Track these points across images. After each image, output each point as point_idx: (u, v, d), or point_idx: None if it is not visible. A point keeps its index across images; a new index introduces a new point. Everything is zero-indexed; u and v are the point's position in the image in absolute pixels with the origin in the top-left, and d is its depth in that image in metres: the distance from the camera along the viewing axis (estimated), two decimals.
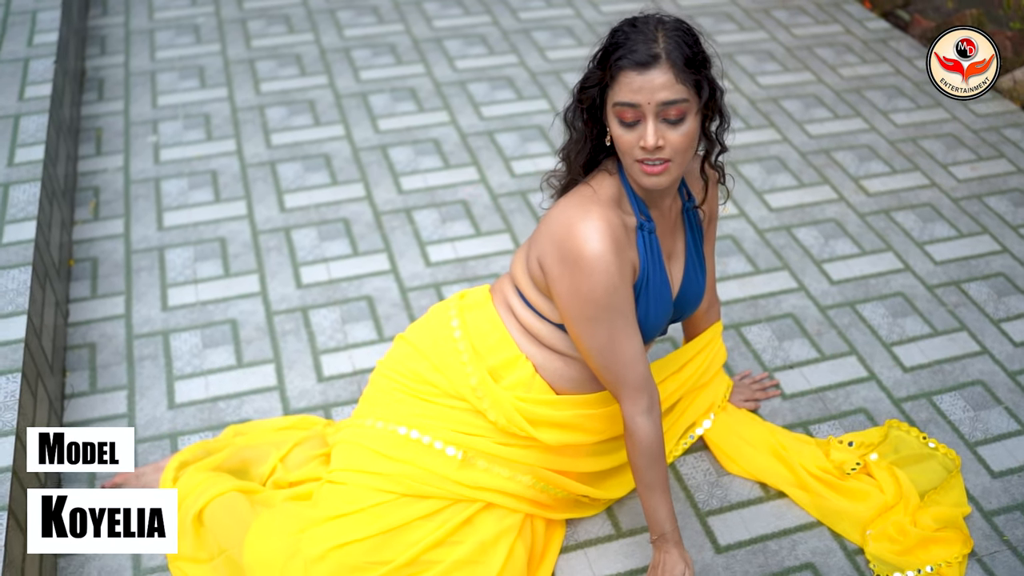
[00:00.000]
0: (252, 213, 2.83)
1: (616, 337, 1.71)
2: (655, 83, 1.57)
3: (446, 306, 1.96)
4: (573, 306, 1.70)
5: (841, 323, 2.51)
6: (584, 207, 1.69)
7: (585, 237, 1.65)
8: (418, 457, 1.82)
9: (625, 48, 1.59)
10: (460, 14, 3.93)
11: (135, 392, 2.28)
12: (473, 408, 1.84)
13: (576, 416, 1.88)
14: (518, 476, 1.86)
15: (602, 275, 1.65)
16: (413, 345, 1.93)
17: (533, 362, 1.85)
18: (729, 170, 3.02)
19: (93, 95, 3.35)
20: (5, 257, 2.23)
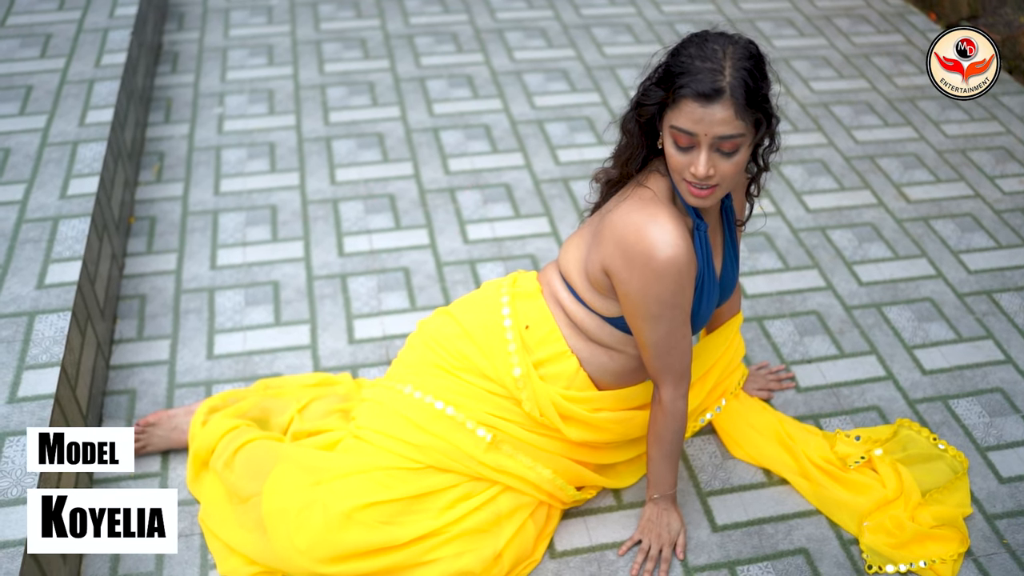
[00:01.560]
0: (304, 184, 2.97)
1: (674, 332, 1.78)
2: (715, 117, 1.57)
3: (498, 290, 2.00)
4: (640, 306, 1.74)
5: (865, 323, 2.54)
6: (650, 211, 1.72)
7: (658, 241, 1.68)
8: (449, 433, 1.90)
9: (690, 75, 1.57)
10: (523, 7, 4.03)
11: (178, 342, 2.43)
12: (510, 395, 1.91)
13: (606, 419, 1.95)
14: (539, 467, 1.94)
15: (674, 278, 1.70)
16: (460, 324, 1.97)
17: (579, 357, 1.91)
18: (770, 172, 3.06)
19: (167, 67, 3.53)
20: (68, 208, 2.39)
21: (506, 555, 1.89)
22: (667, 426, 1.88)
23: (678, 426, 1.88)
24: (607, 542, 2.01)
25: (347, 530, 1.82)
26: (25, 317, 2.08)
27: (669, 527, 1.97)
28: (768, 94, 1.66)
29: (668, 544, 1.96)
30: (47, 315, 2.09)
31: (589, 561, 1.97)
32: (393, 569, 1.83)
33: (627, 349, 1.89)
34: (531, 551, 1.95)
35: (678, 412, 1.87)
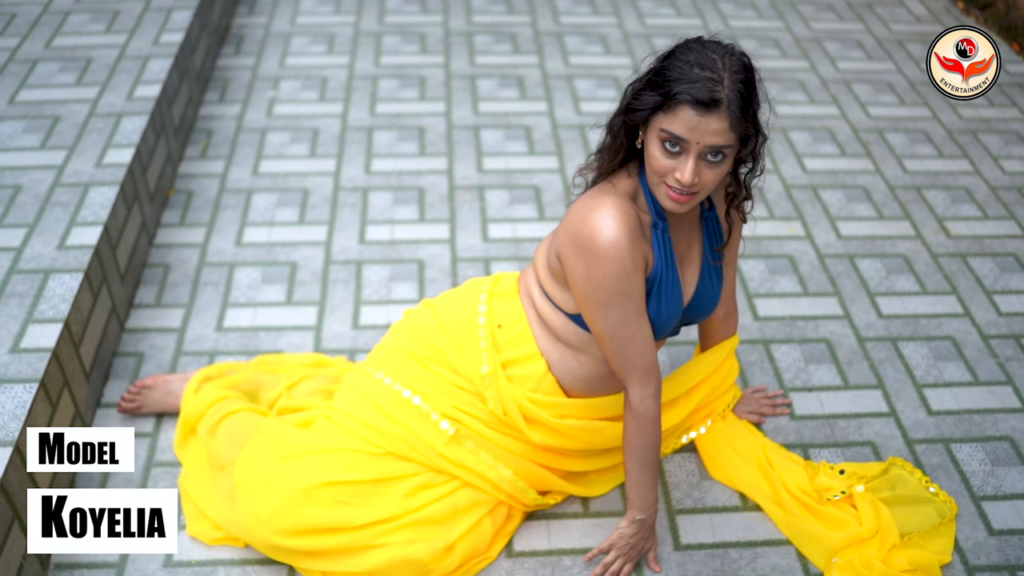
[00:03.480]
0: (339, 171, 3.05)
1: (627, 323, 1.75)
2: (710, 127, 1.57)
3: (479, 287, 2.02)
4: (587, 292, 1.75)
5: (876, 356, 2.47)
6: (599, 198, 1.74)
7: (599, 225, 1.70)
8: (413, 423, 1.93)
9: (687, 82, 1.57)
10: (588, 12, 4.03)
11: (191, 312, 2.52)
12: (476, 391, 1.93)
13: (571, 427, 1.95)
14: (500, 467, 1.95)
15: (615, 262, 1.69)
16: (438, 316, 2.01)
17: (548, 360, 1.92)
18: (807, 194, 3.01)
19: (231, 49, 3.67)
20: (100, 176, 2.51)
21: (458, 548, 1.91)
22: (639, 430, 1.82)
23: (651, 431, 1.83)
24: (566, 547, 2.01)
25: (306, 506, 1.87)
26: (41, 275, 2.20)
27: (642, 549, 1.95)
28: (758, 108, 1.65)
29: (633, 561, 1.95)
30: (61, 274, 2.20)
31: (544, 564, 1.97)
32: (345, 549, 1.87)
33: (593, 351, 1.88)
34: (486, 548, 1.97)
35: (648, 414, 1.81)
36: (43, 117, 2.72)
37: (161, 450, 2.17)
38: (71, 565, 1.92)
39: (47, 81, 2.88)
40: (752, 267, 2.72)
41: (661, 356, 2.43)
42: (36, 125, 2.68)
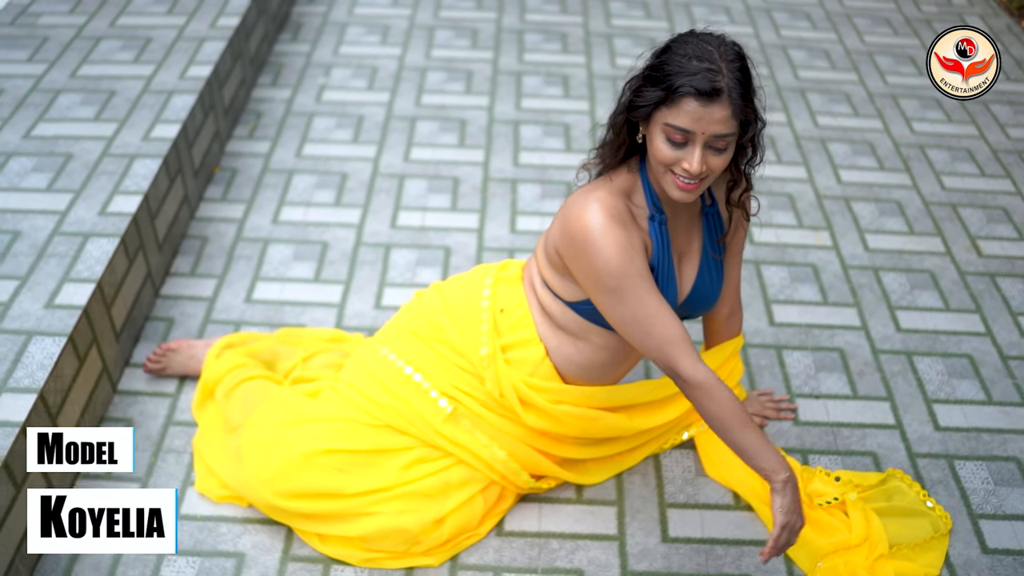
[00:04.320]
0: (379, 158, 3.14)
1: (644, 301, 1.73)
2: (714, 116, 1.61)
3: (486, 272, 2.08)
4: (595, 282, 1.76)
5: (889, 369, 2.46)
6: (587, 195, 1.77)
7: (586, 216, 1.73)
8: (412, 398, 2.00)
9: (688, 75, 1.60)
10: (641, 16, 4.06)
11: (223, 283, 2.64)
12: (475, 372, 1.99)
13: (566, 413, 1.99)
14: (495, 447, 2.01)
15: (610, 246, 1.71)
16: (444, 298, 2.07)
17: (546, 346, 1.96)
18: (839, 205, 3.00)
19: (288, 35, 3.79)
20: (146, 149, 2.64)
21: (448, 522, 1.98)
22: (712, 399, 1.71)
23: (722, 394, 1.71)
24: (555, 531, 2.06)
25: (305, 470, 1.96)
26: (81, 238, 2.33)
27: (800, 514, 1.74)
28: (754, 96, 1.69)
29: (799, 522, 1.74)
30: (99, 238, 2.33)
31: (532, 545, 2.03)
32: (339, 514, 1.96)
33: (591, 338, 1.93)
34: (476, 525, 2.03)
35: (707, 379, 1.71)
36: (100, 91, 2.86)
37: (180, 410, 2.28)
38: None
39: (108, 58, 3.03)
40: (774, 273, 2.74)
41: None
42: (93, 98, 2.83)
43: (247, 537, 2.02)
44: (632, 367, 2.08)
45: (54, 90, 2.86)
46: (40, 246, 2.29)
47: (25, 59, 3.01)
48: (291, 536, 2.03)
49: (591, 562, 2.00)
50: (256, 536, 2.02)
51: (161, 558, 1.98)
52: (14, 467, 1.86)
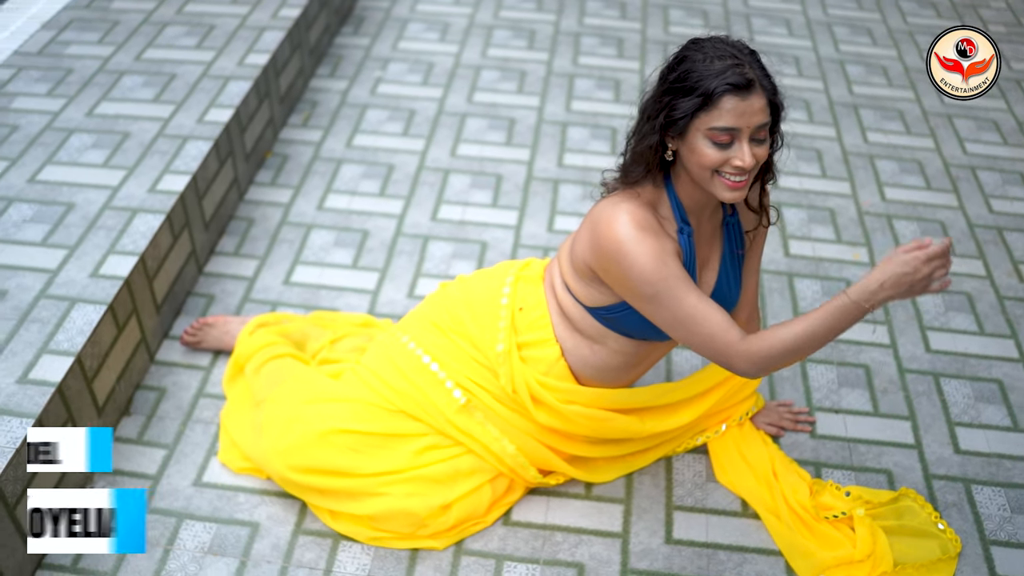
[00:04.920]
0: (426, 151, 3.21)
1: (682, 302, 1.73)
2: (754, 107, 1.64)
3: (508, 270, 2.11)
4: (632, 291, 1.77)
5: (914, 389, 2.45)
6: (614, 205, 1.78)
7: (617, 228, 1.74)
8: (428, 387, 2.05)
9: (718, 75, 1.62)
10: (700, 24, 4.07)
11: (264, 264, 2.73)
12: (490, 366, 2.03)
13: (577, 413, 2.02)
14: (505, 441, 2.05)
15: (643, 254, 1.73)
16: (466, 291, 2.11)
17: (562, 347, 1.99)
18: (880, 223, 2.98)
19: (351, 28, 3.89)
20: (199, 131, 2.75)
21: (455, 509, 2.03)
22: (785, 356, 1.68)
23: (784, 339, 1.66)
24: (560, 524, 2.10)
25: (319, 448, 2.03)
26: (129, 213, 2.44)
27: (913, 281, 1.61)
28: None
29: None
30: (146, 215, 2.43)
31: (537, 536, 2.07)
32: (347, 492, 2.02)
33: (607, 342, 1.96)
34: (483, 513, 2.08)
35: (762, 355, 1.69)
36: (162, 74, 2.98)
37: (212, 383, 2.38)
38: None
39: (172, 43, 3.15)
40: (806, 287, 2.73)
41: (679, 356, 2.49)
42: (154, 81, 2.95)
43: (263, 508, 2.10)
44: (647, 371, 2.11)
45: (119, 71, 2.99)
46: (91, 218, 2.41)
47: (95, 41, 3.15)
48: (304, 511, 2.10)
49: (592, 557, 2.04)
50: (271, 508, 2.11)
51: (180, 521, 2.07)
52: (47, 424, 1.96)
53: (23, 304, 2.17)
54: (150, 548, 2.01)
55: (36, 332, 2.10)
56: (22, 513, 1.89)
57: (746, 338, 1.72)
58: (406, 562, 2.02)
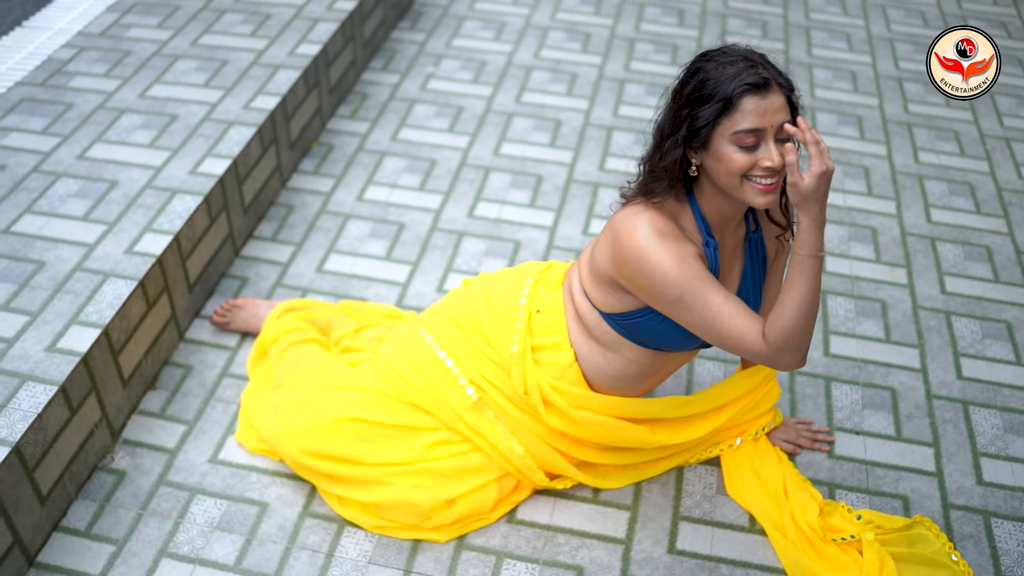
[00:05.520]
0: (470, 148, 3.23)
1: (708, 303, 1.72)
2: (775, 105, 1.64)
3: (529, 271, 2.12)
4: (657, 297, 1.76)
5: (941, 416, 2.39)
6: (635, 214, 1.77)
7: (637, 235, 1.74)
8: (441, 382, 2.06)
9: (734, 79, 1.63)
10: (758, 36, 4.02)
11: (300, 251, 2.78)
12: (504, 366, 2.03)
13: (587, 419, 2.01)
14: (513, 441, 2.06)
15: (665, 258, 1.72)
16: (486, 289, 2.12)
17: (576, 352, 1.99)
18: (923, 244, 2.92)
19: (407, 24, 3.93)
20: (244, 117, 2.81)
21: (459, 504, 2.05)
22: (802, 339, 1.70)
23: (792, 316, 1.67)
24: (564, 526, 2.10)
25: (330, 434, 2.06)
26: (168, 193, 2.51)
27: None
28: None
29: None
30: (184, 195, 2.50)
31: (539, 536, 2.08)
32: (354, 479, 2.05)
33: (621, 351, 1.96)
34: (488, 510, 2.09)
35: (780, 344, 1.69)
36: (214, 60, 3.06)
37: (237, 364, 2.43)
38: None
39: (228, 30, 3.23)
40: (839, 305, 2.69)
41: (701, 367, 2.47)
42: (206, 66, 3.03)
43: (273, 489, 2.15)
44: (660, 382, 2.10)
45: (174, 55, 3.07)
46: (132, 197, 2.48)
47: (155, 25, 3.24)
48: (313, 494, 2.14)
49: (592, 561, 2.04)
50: (281, 489, 2.15)
51: (193, 496, 2.12)
52: (71, 392, 2.03)
53: (59, 275, 2.25)
54: (161, 520, 2.07)
55: (68, 303, 2.18)
56: (41, 476, 1.97)
57: (761, 337, 1.71)
58: (407, 552, 2.04)
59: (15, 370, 2.02)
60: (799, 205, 1.64)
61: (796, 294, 1.68)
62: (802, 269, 1.68)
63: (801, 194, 1.63)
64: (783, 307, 1.69)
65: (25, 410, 1.94)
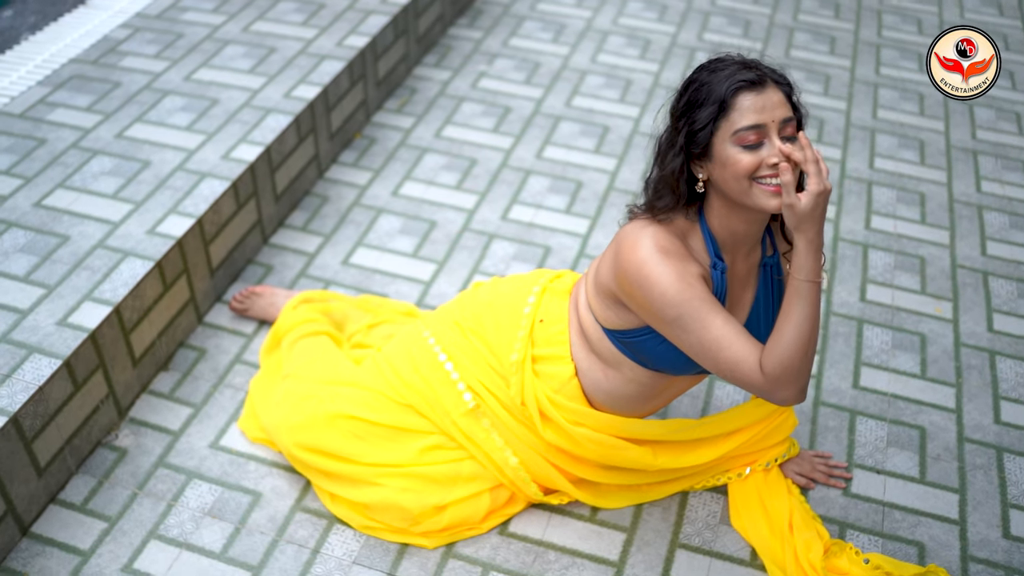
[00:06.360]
0: (512, 150, 3.19)
1: (707, 325, 1.64)
2: (773, 100, 1.58)
3: (537, 279, 2.06)
4: (655, 315, 1.70)
5: (971, 461, 2.26)
6: (640, 228, 1.71)
7: (639, 250, 1.68)
8: (439, 385, 2.02)
9: (727, 79, 1.59)
10: (825, 52, 3.89)
11: (328, 242, 2.77)
12: (504, 373, 1.98)
13: (584, 436, 1.95)
14: (508, 452, 2.01)
15: (665, 275, 1.66)
16: (494, 294, 2.08)
17: (577, 366, 1.93)
18: (974, 279, 2.78)
19: (466, 21, 3.91)
20: (283, 105, 2.81)
21: (449, 511, 2.01)
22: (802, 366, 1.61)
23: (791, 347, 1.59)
24: (556, 543, 2.04)
25: (325, 429, 2.04)
26: (198, 176, 2.52)
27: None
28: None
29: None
30: (213, 180, 2.51)
31: (529, 551, 2.03)
32: (346, 477, 2.03)
33: (622, 369, 1.89)
34: (478, 521, 2.04)
35: (776, 375, 1.60)
36: (262, 47, 3.08)
37: (251, 351, 2.43)
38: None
39: (280, 18, 3.24)
40: (875, 335, 2.57)
41: (721, 391, 2.38)
42: (253, 52, 3.04)
43: (269, 480, 2.14)
44: (663, 405, 2.02)
45: (225, 40, 3.10)
46: (162, 178, 2.51)
47: (211, 9, 3.27)
48: (307, 489, 2.12)
49: None
50: (277, 481, 2.14)
51: (189, 480, 2.12)
52: (76, 367, 2.05)
53: (80, 251, 2.27)
54: (155, 501, 2.08)
55: (85, 279, 2.20)
56: (40, 448, 1.99)
57: (764, 362, 1.61)
58: (393, 555, 2.01)
59: (24, 341, 2.05)
60: (795, 227, 1.56)
61: (793, 322, 1.60)
62: (799, 295, 1.59)
63: (797, 215, 1.55)
64: (780, 336, 1.60)
65: (27, 381, 1.96)
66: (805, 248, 1.57)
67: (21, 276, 2.21)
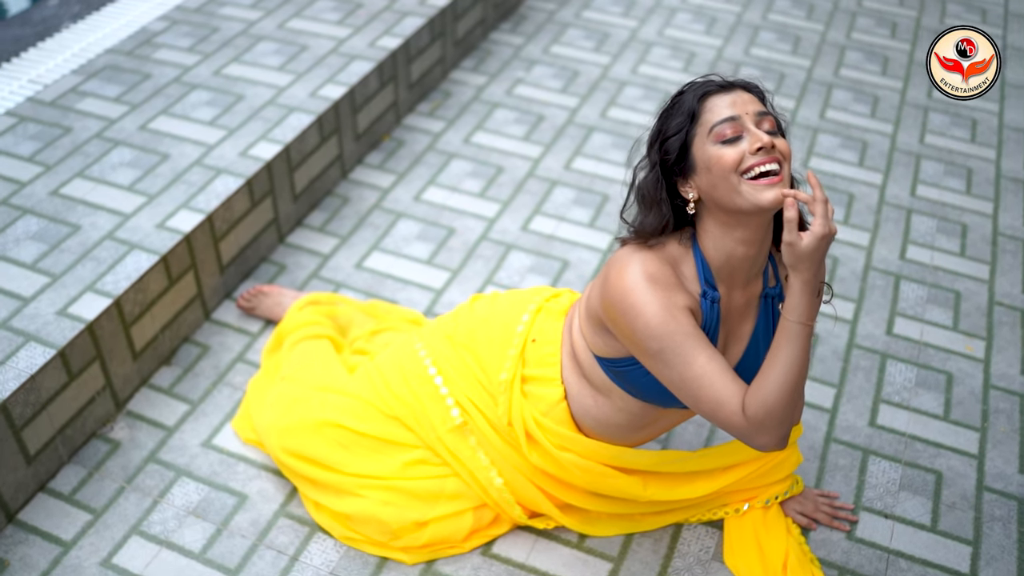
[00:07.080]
0: (540, 159, 3.13)
1: (689, 361, 1.58)
2: (744, 98, 1.56)
3: (533, 297, 2.01)
4: (638, 346, 1.64)
5: (990, 512, 2.14)
6: (629, 255, 1.65)
7: (626, 278, 1.62)
8: (427, 399, 1.97)
9: (695, 88, 1.59)
10: (877, 72, 3.76)
11: (344, 244, 2.75)
12: (492, 392, 1.93)
13: (570, 462, 1.89)
14: (493, 472, 1.96)
15: (649, 305, 1.59)
16: (489, 309, 2.03)
17: (567, 390, 1.87)
18: (1013, 317, 2.65)
19: (509, 26, 3.86)
20: (307, 104, 2.80)
21: (430, 528, 1.96)
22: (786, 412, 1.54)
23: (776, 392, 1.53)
24: (539, 568, 1.98)
25: (311, 436, 2.01)
26: (214, 172, 2.51)
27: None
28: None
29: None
30: (227, 176, 2.50)
31: (511, 574, 1.97)
32: (329, 486, 1.99)
33: (612, 397, 1.82)
34: (460, 539, 1.99)
35: (760, 419, 1.53)
36: (295, 44, 3.07)
37: (254, 351, 2.42)
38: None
39: (317, 16, 3.24)
40: (898, 372, 2.45)
41: None
42: (285, 50, 3.04)
43: (256, 482, 2.11)
44: (654, 437, 1.94)
45: (258, 36, 3.10)
46: (178, 172, 2.51)
47: (249, 5, 3.28)
48: (293, 495, 2.09)
49: None
50: (264, 484, 2.11)
51: (177, 477, 2.11)
52: (72, 358, 2.05)
53: (89, 242, 2.28)
54: (141, 497, 2.07)
55: (90, 270, 2.21)
56: (30, 436, 1.99)
57: (740, 413, 1.55)
58: (372, 568, 1.97)
59: (22, 328, 2.06)
60: (793, 266, 1.49)
61: (781, 365, 1.52)
62: (789, 337, 1.52)
63: (797, 255, 1.47)
64: (765, 379, 1.53)
65: (20, 369, 1.97)
66: (800, 289, 1.50)
67: (29, 263, 2.22)
